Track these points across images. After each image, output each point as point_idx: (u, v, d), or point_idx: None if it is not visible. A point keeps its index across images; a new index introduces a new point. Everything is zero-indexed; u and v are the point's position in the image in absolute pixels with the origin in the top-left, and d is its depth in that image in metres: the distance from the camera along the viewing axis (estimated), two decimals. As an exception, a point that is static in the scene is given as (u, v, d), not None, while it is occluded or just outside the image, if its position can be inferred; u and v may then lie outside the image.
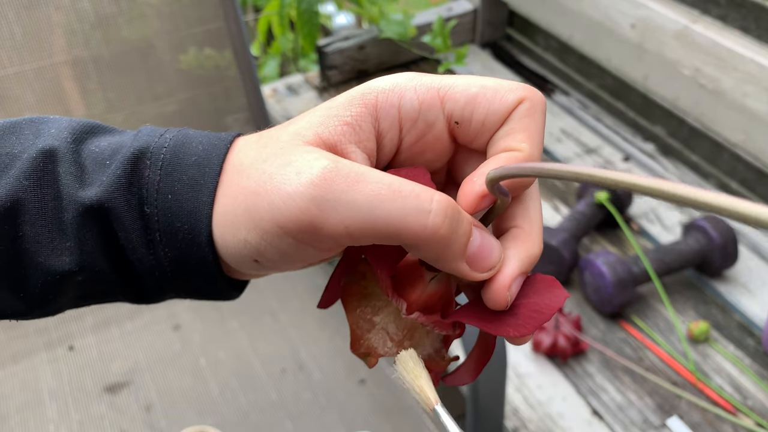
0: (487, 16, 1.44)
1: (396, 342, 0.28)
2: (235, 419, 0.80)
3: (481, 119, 0.26)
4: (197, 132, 0.28)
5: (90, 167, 0.27)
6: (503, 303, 0.25)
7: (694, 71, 1.03)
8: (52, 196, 0.26)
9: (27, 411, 0.82)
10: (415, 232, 0.23)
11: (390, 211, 0.23)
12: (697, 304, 0.92)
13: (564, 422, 0.81)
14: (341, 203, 0.23)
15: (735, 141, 1.02)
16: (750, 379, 0.83)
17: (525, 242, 0.26)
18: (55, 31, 0.93)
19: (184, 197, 0.26)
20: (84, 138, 0.28)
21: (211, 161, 0.26)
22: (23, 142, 0.27)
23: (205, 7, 0.99)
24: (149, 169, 0.26)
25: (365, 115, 0.26)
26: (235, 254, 0.26)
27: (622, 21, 1.13)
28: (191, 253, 0.26)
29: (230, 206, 0.25)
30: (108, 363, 0.87)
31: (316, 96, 1.33)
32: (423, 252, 0.24)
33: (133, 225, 0.26)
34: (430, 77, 0.27)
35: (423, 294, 0.27)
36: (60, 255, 0.26)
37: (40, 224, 0.26)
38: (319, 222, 0.23)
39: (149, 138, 0.27)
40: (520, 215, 0.27)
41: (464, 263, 0.25)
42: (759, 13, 0.96)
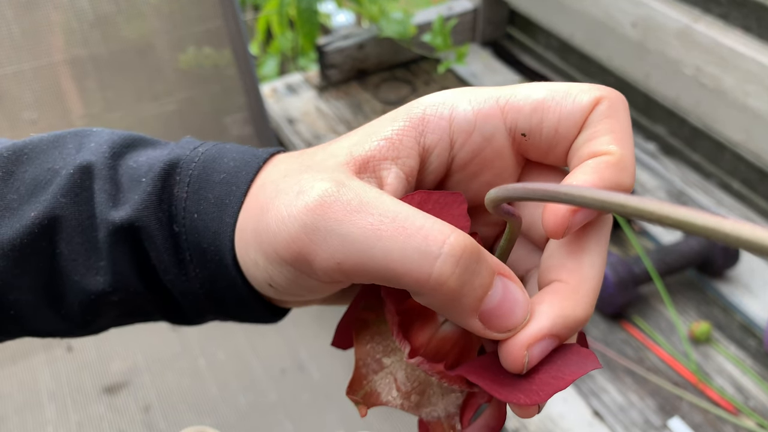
0: (487, 15, 1.43)
1: (402, 393, 0.24)
2: (235, 420, 0.80)
3: (553, 127, 0.22)
4: (234, 146, 0.26)
5: (126, 185, 0.26)
6: (517, 366, 0.21)
7: (695, 70, 1.03)
8: (88, 214, 0.25)
9: (26, 412, 0.82)
10: (416, 279, 0.20)
11: (389, 250, 0.19)
12: (699, 304, 0.92)
13: (565, 423, 0.80)
14: (333, 235, 0.20)
15: (737, 140, 1.01)
16: (752, 380, 0.83)
17: (564, 300, 0.21)
18: (54, 30, 0.93)
19: (209, 217, 0.24)
20: (124, 152, 0.26)
21: (240, 179, 0.24)
22: (65, 157, 0.26)
23: (204, 6, 0.99)
24: (177, 185, 0.25)
25: (409, 129, 0.23)
26: (252, 275, 0.24)
27: (623, 20, 1.12)
28: (220, 275, 0.25)
29: (243, 226, 0.24)
30: (107, 363, 0.87)
31: (315, 95, 1.33)
32: (427, 300, 0.21)
33: (164, 244, 0.25)
34: (487, 89, 0.24)
35: (433, 338, 0.23)
36: (95, 275, 0.25)
37: (76, 242, 0.25)
38: (310, 253, 0.21)
39: (182, 151, 0.26)
40: (570, 268, 0.21)
41: (476, 320, 0.20)
42: (761, 13, 0.95)
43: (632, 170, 0.21)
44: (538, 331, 0.20)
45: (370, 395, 0.24)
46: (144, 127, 1.02)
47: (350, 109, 1.29)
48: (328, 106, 1.30)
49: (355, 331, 0.25)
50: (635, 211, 0.16)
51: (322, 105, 1.30)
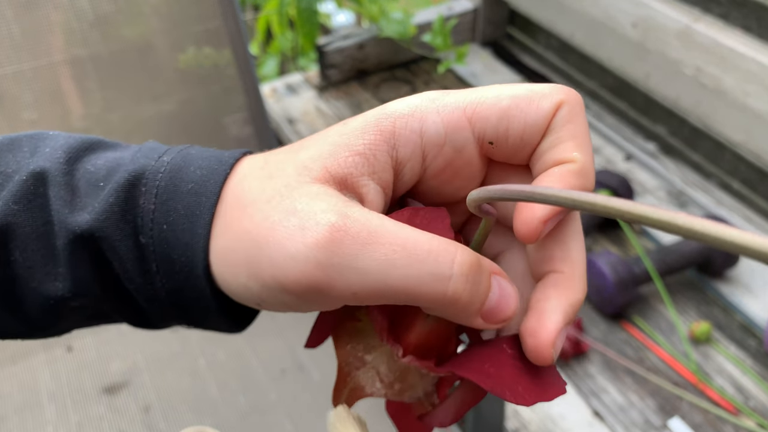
0: (487, 15, 1.43)
1: (385, 384, 0.26)
2: (235, 420, 0.80)
3: (519, 134, 0.23)
4: (200, 152, 0.26)
5: (83, 189, 0.25)
6: (548, 359, 0.23)
7: (695, 70, 1.03)
8: (43, 221, 0.25)
9: (25, 412, 0.82)
10: (434, 298, 0.21)
11: (405, 277, 0.21)
12: (699, 304, 0.91)
13: (565, 423, 0.80)
14: (349, 269, 0.21)
15: (737, 140, 1.01)
16: (752, 380, 0.82)
17: (567, 289, 0.23)
18: (54, 30, 0.93)
19: (179, 228, 0.24)
20: (80, 156, 0.26)
21: (208, 189, 0.24)
22: (19, 161, 0.26)
23: (204, 5, 0.99)
24: (144, 196, 0.24)
25: (380, 143, 0.23)
26: (237, 294, 0.24)
27: (623, 20, 1.12)
28: (189, 286, 0.25)
29: (231, 248, 0.23)
30: (106, 364, 0.87)
31: (315, 95, 1.33)
32: (438, 312, 0.23)
33: (128, 254, 0.25)
34: (452, 95, 0.24)
35: (420, 333, 0.24)
36: (53, 281, 0.25)
37: (31, 249, 0.25)
38: (324, 287, 0.21)
39: (147, 161, 0.25)
40: (560, 257, 0.23)
41: (479, 319, 0.23)
42: (761, 12, 0.95)
43: (593, 175, 0.23)
44: (557, 327, 0.22)
45: (355, 390, 0.26)
46: (144, 127, 1.02)
47: (350, 109, 1.29)
48: (328, 106, 1.30)
49: (334, 334, 0.26)
50: (603, 209, 0.18)
51: (322, 105, 1.30)
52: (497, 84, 0.25)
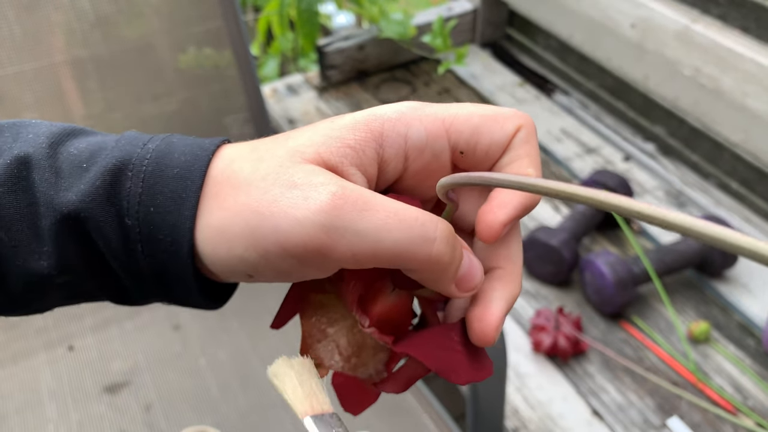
0: (487, 16, 1.43)
1: (343, 357, 0.28)
2: (235, 419, 0.80)
3: (485, 149, 0.27)
4: (182, 140, 0.28)
5: (67, 170, 0.27)
6: (492, 342, 0.27)
7: (694, 71, 1.03)
8: (27, 202, 0.26)
9: (26, 411, 0.82)
10: (420, 260, 0.24)
11: (398, 239, 0.24)
12: (698, 304, 0.92)
13: (564, 422, 0.80)
14: (350, 232, 0.24)
15: (735, 141, 1.02)
16: (750, 380, 0.83)
17: (509, 283, 0.27)
18: (55, 30, 0.93)
19: (166, 210, 0.26)
20: (63, 141, 0.28)
21: (193, 174, 0.26)
22: (0, 146, 0.27)
23: (205, 6, 0.99)
24: (131, 180, 0.26)
25: (369, 140, 0.26)
26: (227, 268, 0.26)
27: (622, 21, 1.13)
28: (172, 264, 0.26)
29: (227, 222, 0.25)
30: (108, 363, 0.87)
31: (315, 96, 1.33)
32: (421, 275, 0.25)
33: (113, 235, 0.26)
34: (432, 107, 0.28)
35: (384, 306, 0.27)
36: (38, 259, 0.26)
37: (16, 229, 0.26)
38: (328, 249, 0.24)
39: (132, 148, 0.27)
40: (504, 256, 0.28)
41: (454, 285, 0.26)
42: (759, 13, 0.95)
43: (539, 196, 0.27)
44: (501, 314, 0.27)
45: (317, 360, 0.28)
46: (144, 128, 1.03)
47: (350, 109, 1.29)
48: (329, 107, 1.30)
49: (301, 308, 0.29)
50: (553, 192, 0.21)
51: (323, 105, 1.30)
52: (472, 103, 0.28)
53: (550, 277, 0.94)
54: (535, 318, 0.88)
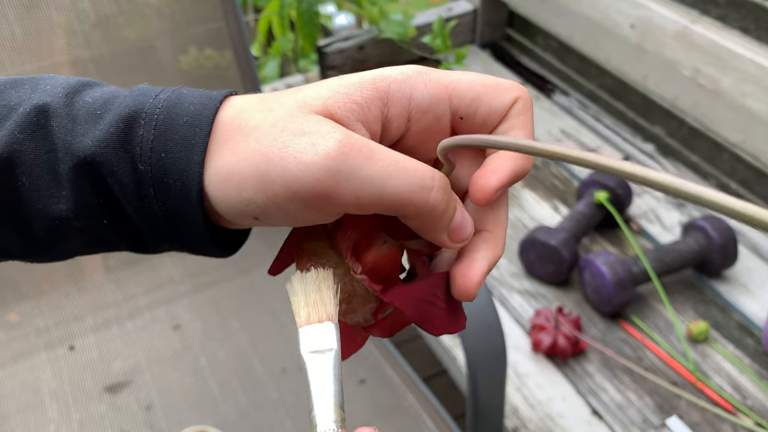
0: (486, 17, 1.44)
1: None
2: (236, 419, 0.80)
3: (483, 116, 0.29)
4: (191, 91, 0.29)
5: (82, 118, 0.28)
6: (471, 296, 0.28)
7: (693, 71, 1.04)
8: (47, 149, 0.28)
9: (27, 411, 0.82)
10: (418, 206, 0.26)
11: (398, 186, 0.25)
12: (697, 304, 0.92)
13: (564, 422, 0.81)
14: (355, 177, 0.25)
15: (734, 141, 1.02)
16: (749, 379, 0.83)
17: (494, 245, 0.29)
18: (56, 31, 0.93)
19: (176, 156, 0.27)
20: (79, 90, 0.29)
21: (202, 121, 0.27)
22: (21, 95, 0.29)
23: (205, 7, 1.00)
24: (143, 128, 0.28)
25: (375, 99, 0.28)
26: (236, 210, 0.27)
27: (621, 21, 1.13)
28: (182, 208, 0.28)
29: (237, 166, 0.26)
30: (108, 363, 0.88)
31: (316, 96, 1.33)
32: (417, 222, 0.27)
33: (127, 179, 0.27)
34: (436, 72, 0.29)
35: (376, 255, 0.29)
36: (57, 203, 0.28)
37: (36, 174, 0.28)
38: (334, 192, 0.25)
39: (144, 98, 0.29)
40: (491, 220, 0.29)
41: (446, 234, 0.28)
42: (758, 14, 0.96)
43: (533, 158, 0.29)
44: (483, 272, 0.29)
45: None
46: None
47: (350, 110, 1.29)
48: (329, 107, 1.30)
49: (297, 255, 0.30)
50: (548, 153, 0.23)
51: (323, 106, 1.30)
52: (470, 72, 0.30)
53: (550, 277, 0.95)
54: (535, 318, 0.88)
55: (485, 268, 0.29)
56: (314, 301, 0.28)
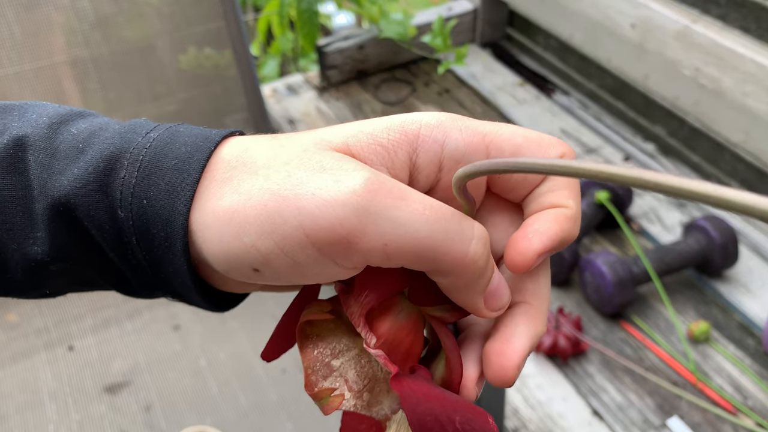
0: (487, 16, 1.44)
1: (354, 393, 0.25)
2: (235, 419, 0.80)
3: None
4: (188, 129, 0.26)
5: (63, 152, 0.25)
6: (510, 380, 0.24)
7: (694, 71, 1.03)
8: (22, 185, 0.25)
9: (27, 411, 0.82)
10: (455, 258, 0.22)
11: (434, 232, 0.22)
12: (698, 304, 0.92)
13: (564, 422, 0.80)
14: (384, 218, 0.22)
15: (735, 141, 1.02)
16: (750, 380, 0.83)
17: (535, 320, 0.25)
18: (55, 30, 0.93)
19: (159, 203, 0.24)
20: (66, 121, 0.26)
21: (191, 165, 0.24)
22: (5, 124, 0.26)
23: (205, 6, 0.99)
24: (126, 170, 0.24)
25: (403, 143, 0.24)
26: (233, 259, 0.23)
27: (622, 21, 1.13)
28: (167, 260, 0.25)
29: (241, 206, 0.23)
30: (108, 363, 0.87)
31: (315, 96, 1.33)
32: (450, 279, 0.23)
33: (106, 226, 0.25)
34: (473, 121, 0.26)
35: (393, 326, 0.24)
36: (32, 244, 0.25)
37: (10, 212, 0.25)
38: (357, 235, 0.21)
39: (133, 135, 0.25)
40: (532, 292, 0.25)
41: (482, 299, 0.24)
42: (759, 13, 0.95)
43: (579, 222, 0.26)
44: (524, 348, 0.24)
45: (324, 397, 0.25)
46: (145, 128, 1.02)
47: (350, 109, 1.29)
48: (329, 107, 1.30)
49: (299, 339, 0.25)
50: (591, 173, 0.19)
51: (323, 105, 1.30)
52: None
53: (550, 277, 0.94)
54: (535, 318, 0.88)
55: (527, 347, 0.24)
56: None
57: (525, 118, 1.26)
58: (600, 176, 0.19)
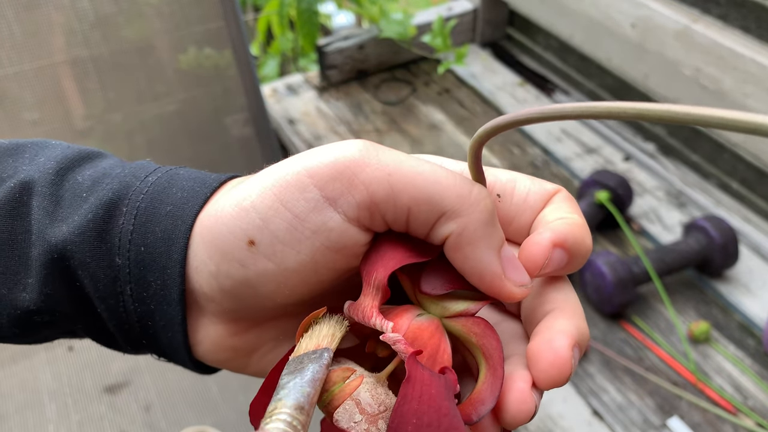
0: (487, 16, 1.43)
1: (367, 416, 0.21)
2: (235, 419, 0.80)
3: (524, 195, 0.25)
4: (187, 173, 0.26)
5: (68, 200, 0.25)
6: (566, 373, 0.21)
7: (694, 71, 1.03)
8: (22, 230, 0.25)
9: (26, 411, 0.82)
10: (460, 193, 0.22)
11: (436, 172, 0.22)
12: (698, 304, 0.92)
13: (564, 422, 0.80)
14: (386, 154, 0.22)
15: (735, 141, 1.02)
16: (750, 380, 0.83)
17: (574, 316, 0.23)
18: (55, 30, 0.93)
19: (156, 251, 0.24)
20: (73, 166, 0.26)
21: (185, 212, 0.24)
22: (17, 167, 0.26)
23: (205, 6, 0.99)
24: (124, 216, 0.24)
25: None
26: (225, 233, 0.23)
27: (622, 21, 1.13)
28: (162, 312, 0.24)
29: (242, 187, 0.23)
30: (107, 363, 0.87)
31: (315, 96, 1.33)
32: (462, 223, 0.22)
33: (100, 274, 0.24)
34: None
35: (411, 327, 0.22)
36: (21, 291, 0.25)
37: (7, 255, 0.25)
38: (360, 165, 0.21)
39: (132, 179, 0.25)
40: (562, 299, 0.24)
41: (499, 260, 0.22)
42: (760, 13, 0.95)
43: (589, 232, 0.24)
44: (571, 340, 0.22)
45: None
46: (145, 128, 1.03)
47: (350, 109, 1.29)
48: (329, 107, 1.30)
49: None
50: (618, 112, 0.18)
51: (323, 105, 1.30)
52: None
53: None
54: (535, 318, 0.88)
55: (574, 336, 0.22)
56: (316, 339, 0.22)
57: (525, 118, 1.26)
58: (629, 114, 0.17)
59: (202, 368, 0.27)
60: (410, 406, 0.20)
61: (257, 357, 0.26)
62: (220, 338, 0.25)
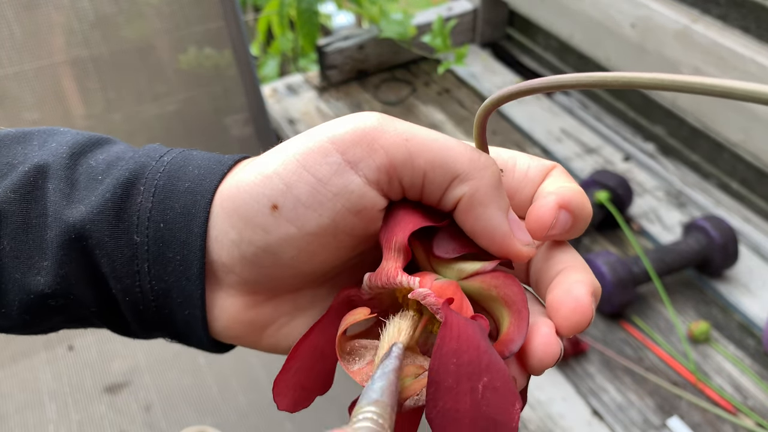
0: (487, 16, 1.43)
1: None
2: (235, 419, 0.80)
3: (524, 170, 0.26)
4: (201, 154, 0.27)
5: (83, 183, 0.25)
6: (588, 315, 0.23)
7: (694, 71, 1.03)
8: (37, 213, 0.25)
9: (27, 411, 0.82)
10: (471, 158, 0.23)
11: (448, 140, 0.24)
12: (698, 304, 0.92)
13: (564, 422, 0.80)
14: (402, 123, 0.24)
15: (735, 141, 1.02)
16: (750, 380, 0.83)
17: (586, 272, 0.24)
18: (55, 30, 0.93)
19: (176, 226, 0.24)
20: (85, 151, 0.27)
21: (204, 187, 0.25)
22: (27, 153, 0.26)
23: (205, 6, 0.99)
24: (142, 195, 0.25)
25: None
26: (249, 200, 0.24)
27: (622, 20, 1.13)
28: (180, 288, 0.25)
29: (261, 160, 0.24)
30: (108, 363, 0.87)
31: (315, 96, 1.33)
32: (473, 185, 0.23)
33: (118, 253, 0.25)
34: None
35: (433, 286, 0.23)
36: (36, 274, 0.25)
37: (21, 239, 0.25)
38: (379, 130, 0.23)
39: (147, 160, 0.26)
40: (570, 260, 0.25)
41: (507, 220, 0.24)
42: (759, 13, 0.95)
43: (588, 201, 0.25)
44: (589, 288, 0.23)
45: None
46: (145, 128, 1.03)
47: (351, 109, 1.29)
48: (329, 107, 1.30)
49: (341, 358, 0.24)
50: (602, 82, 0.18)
51: (323, 105, 1.30)
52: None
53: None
54: (535, 318, 0.88)
55: (591, 285, 0.23)
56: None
57: (525, 117, 1.26)
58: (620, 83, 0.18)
59: (216, 346, 0.28)
60: (450, 347, 0.20)
61: (271, 331, 0.27)
62: (236, 312, 0.26)
